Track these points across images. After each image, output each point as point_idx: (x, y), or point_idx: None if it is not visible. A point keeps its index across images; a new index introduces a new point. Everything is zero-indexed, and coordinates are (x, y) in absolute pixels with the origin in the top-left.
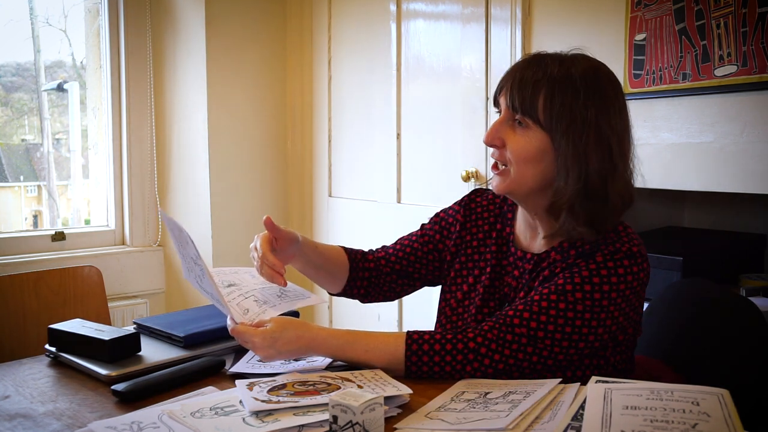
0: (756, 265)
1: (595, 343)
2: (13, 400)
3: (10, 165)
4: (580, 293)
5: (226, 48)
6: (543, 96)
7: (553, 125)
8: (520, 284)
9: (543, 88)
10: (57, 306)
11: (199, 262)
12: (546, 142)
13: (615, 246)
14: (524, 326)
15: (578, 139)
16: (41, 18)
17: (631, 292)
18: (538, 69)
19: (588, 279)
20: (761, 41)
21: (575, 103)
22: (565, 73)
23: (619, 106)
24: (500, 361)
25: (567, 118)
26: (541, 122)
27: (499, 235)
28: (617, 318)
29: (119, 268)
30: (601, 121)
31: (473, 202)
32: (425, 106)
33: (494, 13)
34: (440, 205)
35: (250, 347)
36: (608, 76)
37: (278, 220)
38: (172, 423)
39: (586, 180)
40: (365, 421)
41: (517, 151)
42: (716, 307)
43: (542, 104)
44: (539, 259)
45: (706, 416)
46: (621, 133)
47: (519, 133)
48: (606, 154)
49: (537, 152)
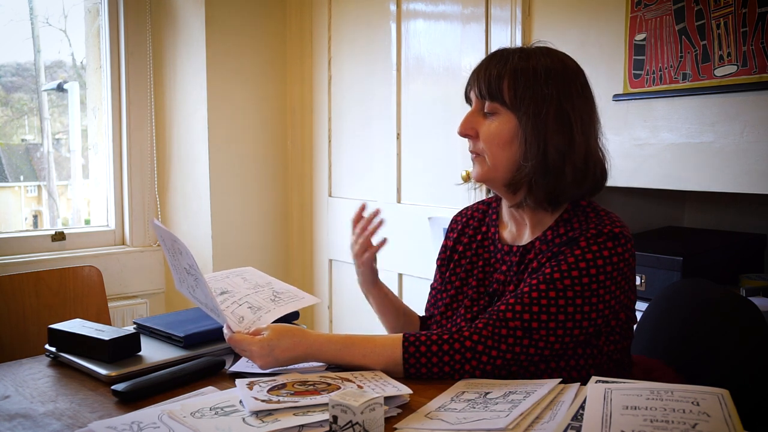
0: (756, 265)
1: (590, 328)
2: (13, 400)
3: (10, 165)
4: (568, 279)
5: (226, 48)
6: (507, 81)
7: (517, 104)
8: (508, 278)
9: (506, 74)
10: (57, 306)
11: (192, 272)
12: (514, 124)
13: (597, 229)
14: (518, 319)
15: (538, 115)
16: (41, 18)
17: (618, 274)
18: (501, 60)
19: (574, 264)
20: (761, 41)
21: (536, 83)
22: (527, 62)
23: (580, 87)
24: (498, 357)
25: (528, 97)
26: (507, 103)
27: (485, 236)
28: (608, 301)
29: (119, 268)
30: (562, 99)
31: (456, 223)
32: (425, 106)
33: (494, 13)
34: (440, 205)
35: (248, 356)
36: (570, 63)
37: (278, 219)
38: (172, 423)
39: (544, 155)
40: (365, 421)
41: (489, 136)
42: (716, 307)
43: (506, 87)
44: (525, 250)
45: (706, 416)
46: (582, 112)
47: (489, 121)
48: (566, 131)
49: (507, 135)
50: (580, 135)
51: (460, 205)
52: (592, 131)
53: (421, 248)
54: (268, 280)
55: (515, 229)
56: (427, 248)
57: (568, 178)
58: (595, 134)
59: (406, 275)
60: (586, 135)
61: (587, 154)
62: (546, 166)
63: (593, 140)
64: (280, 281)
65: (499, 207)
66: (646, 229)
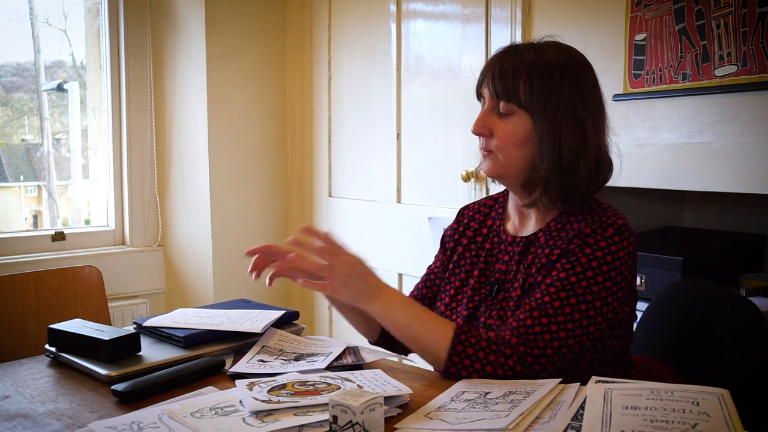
0: (756, 265)
1: (603, 324)
2: (13, 400)
3: (10, 165)
4: (585, 281)
5: (226, 48)
6: (523, 81)
7: (534, 105)
8: (510, 268)
9: (522, 74)
10: (57, 306)
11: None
12: (529, 125)
13: (602, 219)
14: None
15: (554, 117)
16: (41, 18)
17: (625, 268)
18: (515, 57)
19: (588, 265)
20: (761, 41)
21: (552, 83)
22: (540, 59)
23: (590, 83)
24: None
25: (544, 99)
26: (524, 105)
27: (489, 229)
28: (618, 295)
29: (119, 268)
30: (575, 99)
31: (463, 215)
32: (425, 106)
33: (494, 13)
34: (440, 206)
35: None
36: (580, 59)
37: (278, 220)
38: (172, 423)
39: (560, 156)
40: (365, 421)
41: (504, 137)
42: (716, 307)
43: (523, 88)
44: (528, 242)
45: (706, 416)
46: (594, 110)
47: (504, 121)
48: (580, 131)
49: (523, 136)
50: (593, 133)
51: (460, 205)
52: (602, 127)
53: (421, 248)
54: (215, 311)
55: (518, 220)
56: (427, 248)
57: (582, 177)
58: (605, 130)
59: (406, 275)
60: (597, 132)
61: (599, 152)
62: (561, 166)
63: (603, 137)
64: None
65: (505, 202)
66: (646, 229)
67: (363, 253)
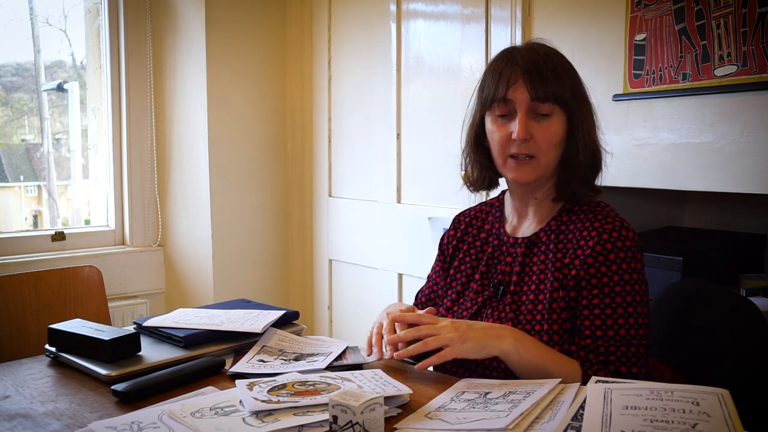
0: (756, 265)
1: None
2: (13, 400)
3: (10, 165)
4: (629, 296)
5: (226, 48)
6: (561, 80)
7: (571, 103)
8: (513, 269)
9: (557, 73)
10: (57, 306)
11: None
12: (565, 124)
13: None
14: (625, 342)
15: (584, 114)
16: (41, 18)
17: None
18: (537, 57)
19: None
20: (761, 41)
21: (575, 79)
22: (554, 57)
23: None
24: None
25: (579, 95)
26: (567, 103)
27: (489, 233)
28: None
29: (119, 268)
30: (586, 94)
31: (460, 221)
32: (425, 106)
33: (494, 13)
34: (440, 206)
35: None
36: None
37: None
38: (172, 423)
39: (592, 150)
40: (365, 421)
41: (547, 139)
42: (716, 307)
43: (563, 87)
44: (530, 242)
45: (706, 416)
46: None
47: (544, 123)
48: (594, 126)
49: (561, 136)
50: (595, 128)
51: (460, 205)
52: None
53: (421, 248)
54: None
55: (516, 221)
56: (427, 248)
57: (589, 172)
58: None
59: (406, 275)
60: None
61: (597, 147)
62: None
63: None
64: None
65: (501, 205)
66: (646, 229)
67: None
